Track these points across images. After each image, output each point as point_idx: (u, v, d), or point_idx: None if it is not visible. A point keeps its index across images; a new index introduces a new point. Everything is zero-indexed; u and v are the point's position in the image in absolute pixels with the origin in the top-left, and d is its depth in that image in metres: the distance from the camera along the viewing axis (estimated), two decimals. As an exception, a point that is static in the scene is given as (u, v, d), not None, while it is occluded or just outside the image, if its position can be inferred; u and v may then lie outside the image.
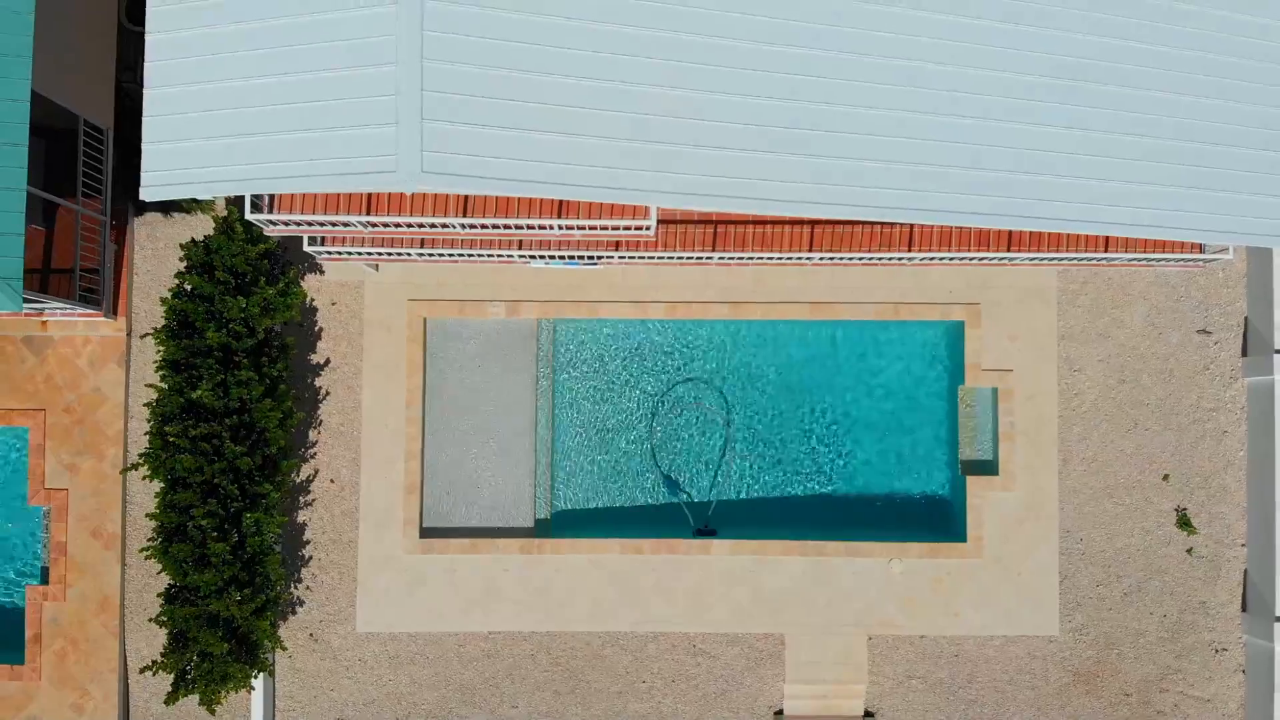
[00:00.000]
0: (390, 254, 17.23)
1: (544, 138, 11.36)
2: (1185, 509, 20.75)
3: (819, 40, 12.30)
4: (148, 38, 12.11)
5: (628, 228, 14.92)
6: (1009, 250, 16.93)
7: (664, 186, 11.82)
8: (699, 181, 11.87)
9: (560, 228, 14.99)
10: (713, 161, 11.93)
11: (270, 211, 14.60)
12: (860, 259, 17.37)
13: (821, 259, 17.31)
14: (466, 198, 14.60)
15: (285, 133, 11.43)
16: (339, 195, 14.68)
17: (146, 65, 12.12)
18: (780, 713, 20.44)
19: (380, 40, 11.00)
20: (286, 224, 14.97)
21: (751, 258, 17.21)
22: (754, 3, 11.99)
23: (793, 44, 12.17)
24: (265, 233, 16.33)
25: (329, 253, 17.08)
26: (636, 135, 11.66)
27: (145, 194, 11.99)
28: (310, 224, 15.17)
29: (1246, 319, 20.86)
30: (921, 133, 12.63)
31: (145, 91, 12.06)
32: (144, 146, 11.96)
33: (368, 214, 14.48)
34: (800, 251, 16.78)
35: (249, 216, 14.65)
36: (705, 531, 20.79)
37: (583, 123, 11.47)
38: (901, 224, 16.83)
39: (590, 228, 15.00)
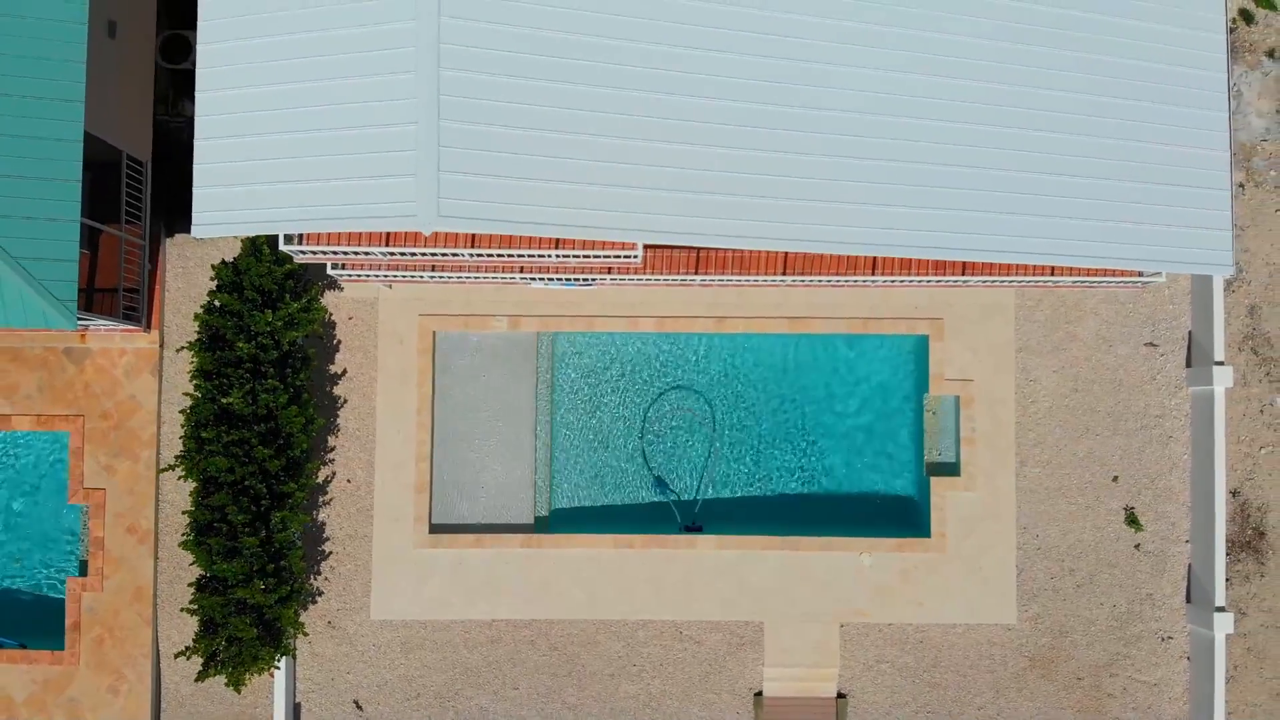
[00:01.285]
0: (404, 276, 19.00)
1: (545, 185, 13.16)
2: (1133, 508, 22.53)
3: (765, 97, 14.10)
4: (198, 95, 13.90)
5: (617, 256, 16.70)
6: (963, 274, 18.71)
7: (647, 226, 13.62)
8: (676, 221, 13.67)
9: (557, 256, 16.78)
10: (687, 203, 13.72)
11: (300, 243, 16.37)
12: (829, 281, 19.15)
13: (794, 281, 19.09)
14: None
15: (319, 181, 13.22)
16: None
17: (197, 120, 13.93)
18: (759, 694, 22.22)
19: (402, 103, 12.79)
20: (315, 254, 16.76)
21: (730, 280, 18.99)
22: (712, 77, 13.80)
23: (746, 99, 13.98)
24: (296, 260, 18.09)
25: (350, 275, 18.87)
26: (625, 183, 13.45)
27: (197, 232, 13.81)
28: (336, 253, 16.95)
29: (1190, 333, 22.65)
30: (867, 177, 14.44)
31: (196, 142, 13.87)
32: (195, 191, 13.78)
33: (387, 245, 16.27)
34: (774, 274, 18.57)
35: (283, 248, 16.42)
36: (692, 528, 22.56)
37: (579, 173, 13.27)
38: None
39: (584, 256, 16.79)
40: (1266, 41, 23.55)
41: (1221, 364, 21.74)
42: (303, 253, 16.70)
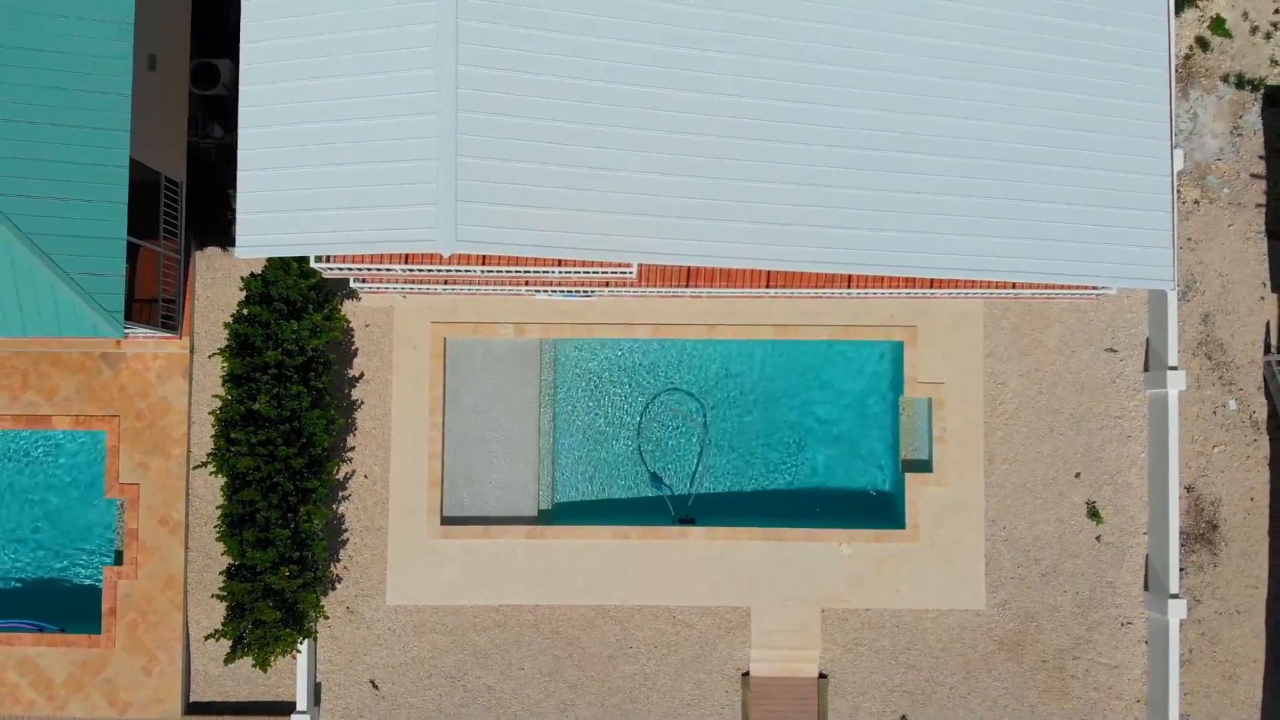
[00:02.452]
0: (419, 289, 20.69)
1: (551, 213, 14.88)
2: (1094, 502, 24.24)
3: (740, 132, 15.85)
4: (240, 131, 15.59)
5: (613, 271, 18.40)
6: (931, 288, 20.42)
7: (640, 249, 15.35)
8: (665, 244, 15.40)
9: (559, 272, 18.48)
10: (676, 228, 15.45)
11: (329, 261, 18.07)
12: (808, 293, 20.86)
13: (776, 294, 20.80)
14: (486, 251, 18.11)
15: (350, 209, 14.93)
16: (384, 249, 18.20)
17: (240, 153, 15.62)
18: (747, 674, 23.93)
19: (425, 141, 14.49)
20: (342, 270, 18.46)
21: (717, 293, 20.70)
22: (696, 117, 15.55)
23: (725, 135, 15.72)
24: (324, 276, 19.77)
25: (369, 287, 20.56)
26: (621, 210, 15.17)
27: (240, 253, 15.52)
28: (360, 270, 18.65)
29: (1148, 339, 24.35)
30: (835, 203, 16.19)
31: (239, 173, 15.57)
32: (239, 217, 15.47)
33: (407, 263, 17.97)
34: (758, 288, 20.29)
35: (314, 265, 18.13)
36: (685, 520, 24.26)
37: (581, 202, 14.98)
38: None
39: (583, 272, 18.49)
40: (1221, 67, 25.21)
41: (1175, 369, 23.42)
42: (331, 269, 18.40)
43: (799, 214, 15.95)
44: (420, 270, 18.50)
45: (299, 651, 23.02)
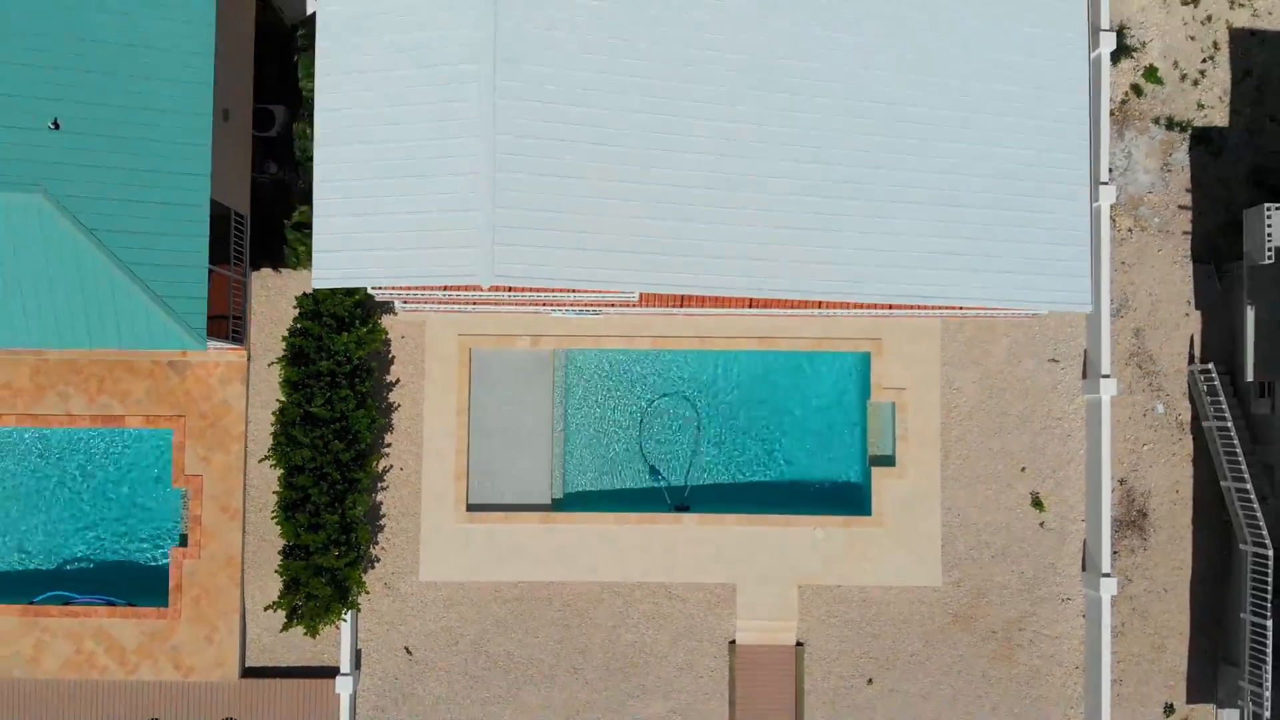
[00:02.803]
0: (452, 308, 24.14)
1: (571, 252, 18.36)
2: (1038, 493, 27.68)
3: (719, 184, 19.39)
4: (315, 184, 19.09)
5: (618, 295, 21.87)
6: (890, 309, 23.90)
7: (651, 281, 18.88)
8: (668, 278, 18.90)
9: (572, 295, 21.96)
10: (673, 264, 18.96)
11: (383, 288, 21.57)
12: (785, 313, 24.33)
13: (757, 313, 24.27)
14: (512, 276, 21.59)
15: (405, 250, 18.42)
16: (428, 276, 21.69)
17: (315, 201, 19.14)
18: (733, 642, 27.37)
19: (467, 196, 17.98)
20: (391, 294, 21.92)
21: (707, 312, 24.15)
22: (693, 173, 19.07)
23: (701, 187, 19.24)
24: (376, 298, 23.22)
25: (413, 308, 24.02)
26: (635, 249, 18.66)
27: (316, 284, 19.09)
28: (408, 294, 22.14)
29: (1085, 351, 27.79)
30: (807, 241, 19.70)
31: (315, 219, 19.07)
32: (315, 255, 19.02)
33: (445, 290, 21.44)
34: (741, 307, 23.76)
35: (370, 290, 21.60)
36: (680, 507, 27.70)
37: (596, 243, 18.46)
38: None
39: (593, 295, 21.96)
40: (1154, 110, 28.66)
41: (1108, 376, 26.85)
42: (382, 293, 21.86)
43: (776, 252, 19.46)
44: (457, 295, 21.97)
45: (344, 621, 26.44)
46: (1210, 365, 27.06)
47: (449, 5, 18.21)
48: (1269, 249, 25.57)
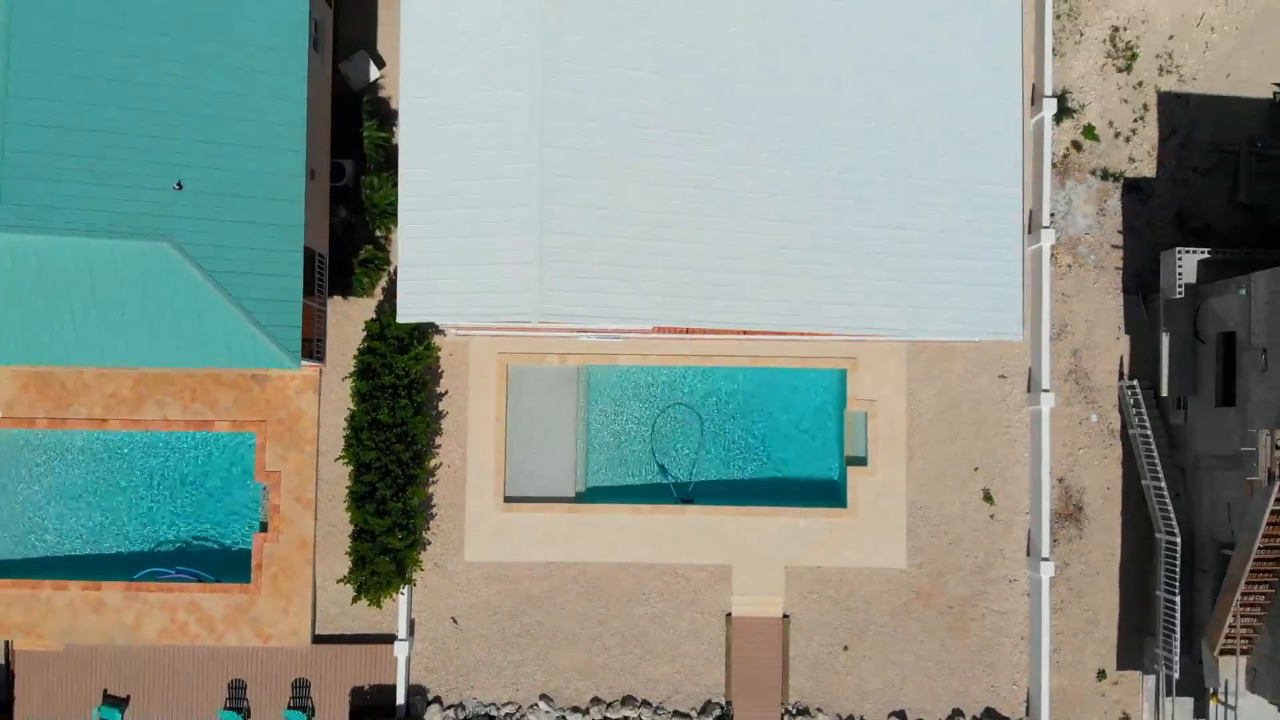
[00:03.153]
0: (496, 334, 29.07)
1: (606, 296, 23.29)
2: (989, 489, 32.57)
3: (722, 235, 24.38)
4: (401, 240, 24.06)
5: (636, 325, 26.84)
6: (861, 336, 28.83)
7: (668, 319, 23.86)
8: (685, 316, 23.89)
9: (598, 323, 26.94)
10: (692, 304, 23.95)
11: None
12: (774, 338, 29.28)
13: (750, 338, 29.21)
14: (549, 308, 26.55)
15: (472, 293, 23.38)
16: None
17: (400, 251, 24.13)
18: (729, 614, 32.26)
19: (520, 252, 22.93)
20: (452, 322, 26.90)
21: (708, 337, 29.10)
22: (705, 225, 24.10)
23: (709, 249, 24.24)
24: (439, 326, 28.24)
25: (464, 334, 28.97)
26: (659, 293, 23.64)
27: (401, 319, 24.08)
28: (465, 324, 27.10)
29: (1030, 369, 32.67)
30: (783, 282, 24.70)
31: (400, 267, 24.07)
32: (400, 296, 24.02)
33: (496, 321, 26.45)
34: (737, 334, 28.71)
35: (441, 325, 26.58)
36: (685, 500, 32.59)
37: (625, 288, 23.41)
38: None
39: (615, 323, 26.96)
40: (1091, 163, 33.51)
41: (1048, 391, 31.75)
42: (446, 325, 26.86)
43: (767, 294, 24.48)
44: (505, 325, 26.98)
45: (401, 594, 31.36)
46: (1135, 381, 31.93)
47: (508, 114, 23.29)
48: (1179, 286, 30.49)
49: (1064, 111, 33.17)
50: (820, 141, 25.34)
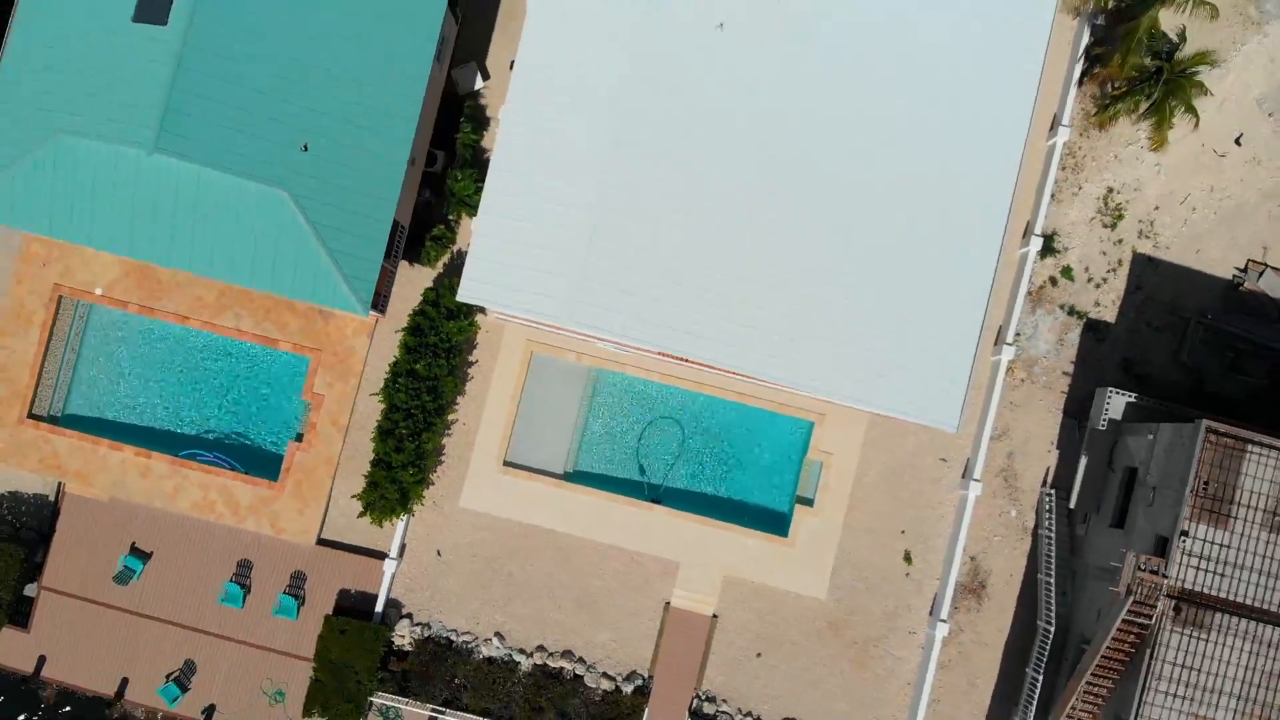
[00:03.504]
0: (529, 324, 34.57)
1: (623, 319, 28.83)
2: (910, 551, 37.87)
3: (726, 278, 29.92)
4: (474, 238, 29.66)
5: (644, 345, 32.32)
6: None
7: (670, 347, 29.35)
8: (683, 348, 29.39)
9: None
10: (702, 341, 29.45)
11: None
12: (760, 381, 34.71)
13: (740, 376, 34.66)
14: (579, 316, 32.03)
15: (522, 291, 28.98)
16: (522, 301, 32.26)
17: (472, 247, 29.74)
18: (669, 603, 37.61)
19: (569, 266, 28.47)
20: (499, 309, 32.49)
21: (705, 368, 34.55)
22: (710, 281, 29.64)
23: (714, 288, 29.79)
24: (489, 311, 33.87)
25: (503, 318, 34.50)
26: (667, 325, 29.15)
27: (460, 297, 29.78)
28: (506, 312, 32.65)
29: (968, 459, 37.98)
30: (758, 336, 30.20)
31: (469, 260, 29.79)
32: (464, 281, 29.69)
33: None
34: (728, 372, 34.16)
35: (488, 309, 32.12)
36: (655, 500, 37.93)
37: (641, 314, 28.92)
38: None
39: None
40: (1062, 299, 38.76)
41: (978, 481, 37.05)
42: (494, 310, 32.45)
43: (749, 341, 29.99)
44: (540, 319, 32.52)
45: (400, 521, 36.88)
46: (1054, 491, 37.20)
47: (580, 156, 28.96)
48: (1103, 420, 35.81)
49: (1049, 249, 38.40)
50: (821, 230, 31.02)
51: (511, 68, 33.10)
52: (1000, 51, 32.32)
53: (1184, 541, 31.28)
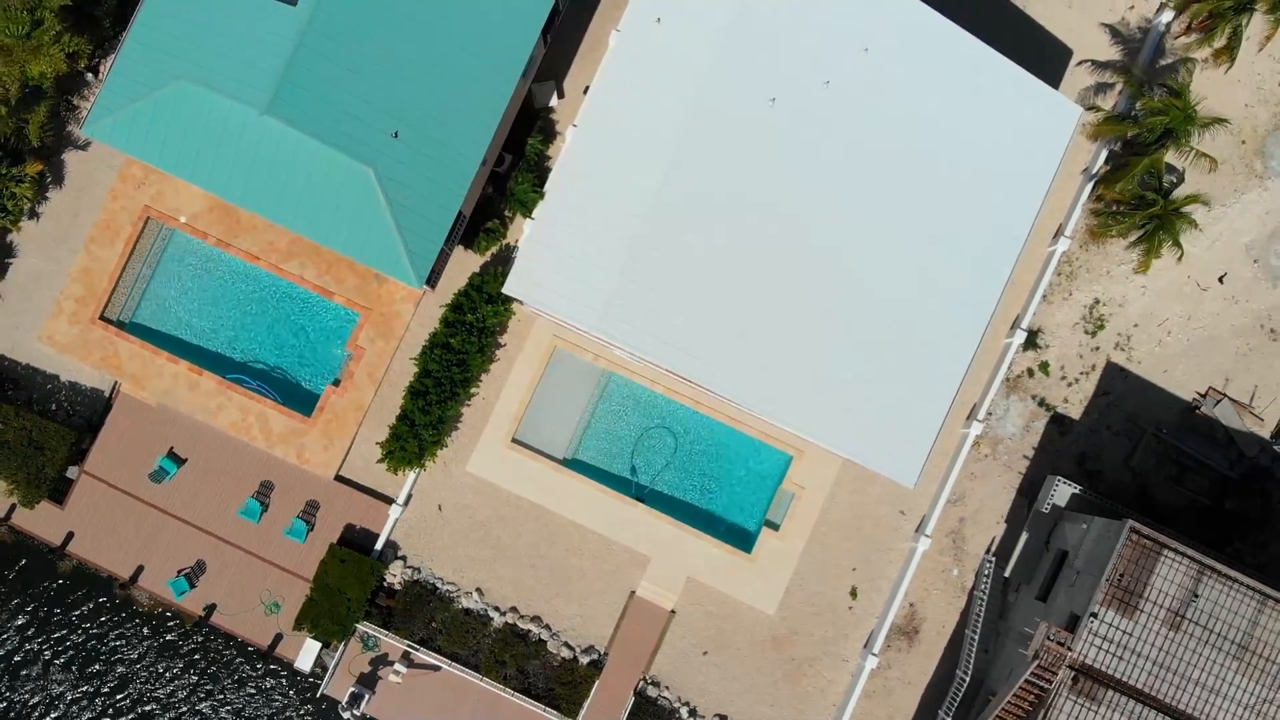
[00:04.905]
0: (558, 322, 38.79)
1: (642, 336, 33.00)
2: (857, 587, 41.89)
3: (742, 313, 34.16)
4: (524, 240, 33.94)
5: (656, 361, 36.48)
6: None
7: (679, 368, 33.57)
8: (690, 370, 33.60)
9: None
10: (716, 369, 33.68)
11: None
12: (753, 410, 38.89)
13: (734, 403, 38.79)
14: (604, 325, 36.17)
15: (560, 295, 33.22)
16: (557, 302, 36.44)
17: (523, 247, 34.00)
18: (634, 592, 41.69)
19: (605, 281, 32.69)
20: (534, 305, 36.70)
21: (704, 389, 38.72)
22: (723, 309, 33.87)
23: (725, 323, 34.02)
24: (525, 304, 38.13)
25: (536, 312, 38.74)
26: (681, 348, 33.36)
27: (505, 289, 33.98)
28: (544, 307, 36.87)
29: (925, 515, 42.02)
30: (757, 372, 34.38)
31: (519, 258, 34.02)
32: (511, 276, 34.09)
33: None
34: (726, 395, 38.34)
35: (533, 306, 36.38)
36: (640, 498, 42.01)
37: (660, 333, 33.13)
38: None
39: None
40: (1035, 390, 42.79)
41: (928, 537, 41.07)
42: (530, 303, 36.70)
43: (746, 372, 34.17)
44: (570, 320, 36.72)
45: (412, 473, 41.10)
46: (994, 559, 41.22)
47: (631, 189, 33.22)
48: (1048, 504, 39.86)
49: (1031, 344, 42.43)
50: (831, 290, 35.17)
51: (585, 93, 37.25)
52: (1020, 158, 36.53)
53: (1093, 622, 35.30)
